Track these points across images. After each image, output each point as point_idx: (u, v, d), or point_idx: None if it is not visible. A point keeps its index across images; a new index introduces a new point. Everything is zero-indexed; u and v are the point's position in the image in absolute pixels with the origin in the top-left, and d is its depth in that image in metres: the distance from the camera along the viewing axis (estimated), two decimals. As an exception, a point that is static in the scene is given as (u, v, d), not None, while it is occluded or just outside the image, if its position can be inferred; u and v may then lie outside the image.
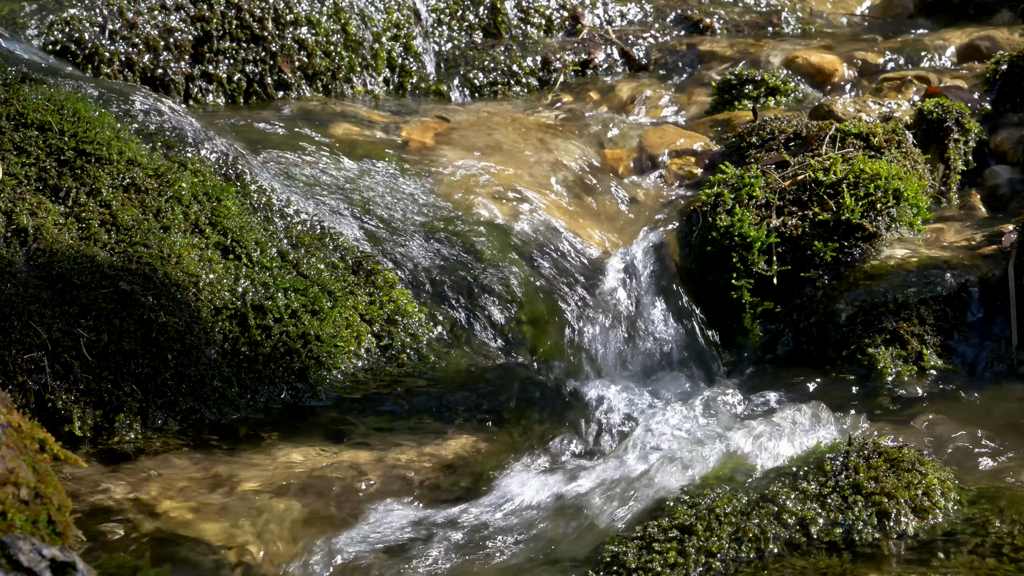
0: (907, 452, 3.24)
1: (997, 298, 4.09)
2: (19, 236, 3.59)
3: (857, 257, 4.24)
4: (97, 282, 3.57)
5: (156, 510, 3.21)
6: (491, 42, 5.53)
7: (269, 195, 4.00)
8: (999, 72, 4.92)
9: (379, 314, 3.91)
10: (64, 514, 2.58)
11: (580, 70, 5.50)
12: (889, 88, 5.06)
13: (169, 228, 3.77)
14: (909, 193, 4.30)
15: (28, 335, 3.44)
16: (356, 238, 4.04)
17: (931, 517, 3.13)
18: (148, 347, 3.56)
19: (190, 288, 3.68)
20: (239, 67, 4.96)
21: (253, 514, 3.21)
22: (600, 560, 3.00)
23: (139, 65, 4.81)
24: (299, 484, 3.34)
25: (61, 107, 3.86)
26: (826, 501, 3.12)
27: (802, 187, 4.32)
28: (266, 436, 3.56)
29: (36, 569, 2.29)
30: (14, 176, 3.70)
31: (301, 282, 3.85)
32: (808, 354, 4.13)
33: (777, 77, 5.14)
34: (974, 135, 4.67)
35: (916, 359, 4.00)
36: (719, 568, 2.99)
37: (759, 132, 4.61)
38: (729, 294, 4.23)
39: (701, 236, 4.29)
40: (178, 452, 3.46)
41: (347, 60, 5.14)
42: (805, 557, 3.01)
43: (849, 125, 4.51)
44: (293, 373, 3.73)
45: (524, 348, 3.99)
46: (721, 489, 3.15)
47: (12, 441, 2.58)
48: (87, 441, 3.45)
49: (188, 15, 4.92)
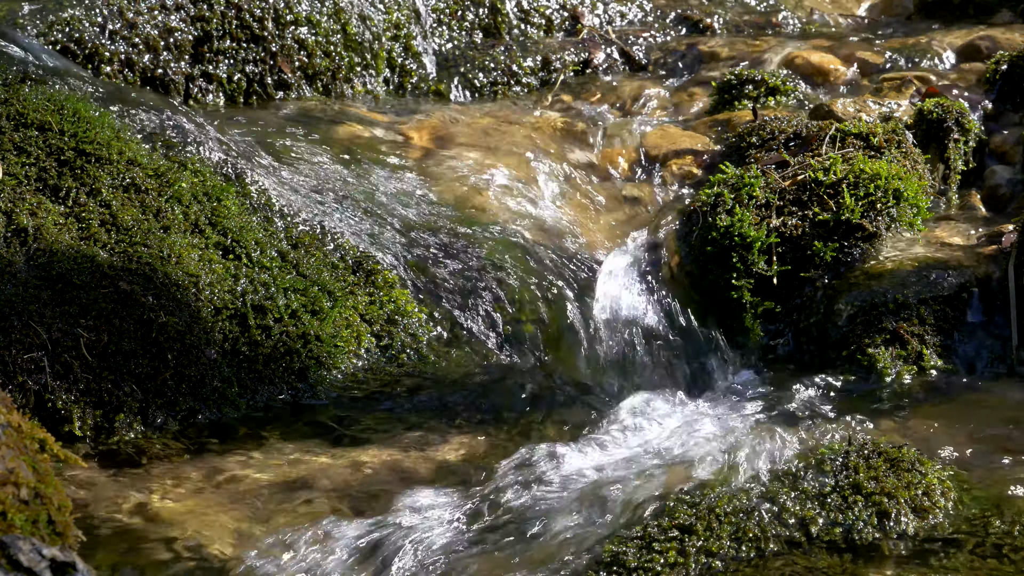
0: (907, 452, 3.24)
1: (997, 298, 4.09)
2: (19, 236, 3.59)
3: (857, 257, 4.24)
4: (97, 282, 3.57)
5: (156, 509, 3.21)
6: (491, 42, 5.53)
7: (269, 195, 4.00)
8: (999, 72, 4.92)
9: (379, 314, 3.91)
10: (64, 514, 2.58)
11: (580, 70, 5.50)
12: (889, 88, 5.06)
13: (169, 228, 3.77)
14: (909, 193, 4.30)
15: (28, 335, 3.44)
16: (356, 238, 4.04)
17: (931, 517, 3.13)
18: (148, 347, 3.56)
19: (190, 288, 3.68)
20: (239, 67, 4.96)
21: (253, 513, 3.21)
22: (600, 560, 3.00)
23: (139, 65, 4.81)
24: (299, 484, 3.34)
25: (61, 107, 3.86)
26: (826, 501, 3.12)
27: (802, 187, 4.32)
28: (266, 436, 3.56)
29: (36, 569, 2.29)
30: (14, 176, 3.70)
31: (301, 282, 3.85)
32: (808, 354, 4.13)
33: (777, 77, 5.14)
34: (974, 135, 4.67)
35: (916, 359, 4.00)
36: (719, 568, 2.99)
37: (759, 132, 4.61)
38: (729, 294, 4.23)
39: (701, 236, 4.29)
40: (178, 452, 3.46)
41: (347, 60, 5.14)
42: (805, 557, 3.01)
43: (849, 125, 4.51)
44: (293, 373, 3.73)
45: (524, 348, 3.99)
46: (721, 489, 3.15)
47: (12, 441, 2.58)
48: (87, 441, 3.45)
49: (188, 15, 4.92)
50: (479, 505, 3.27)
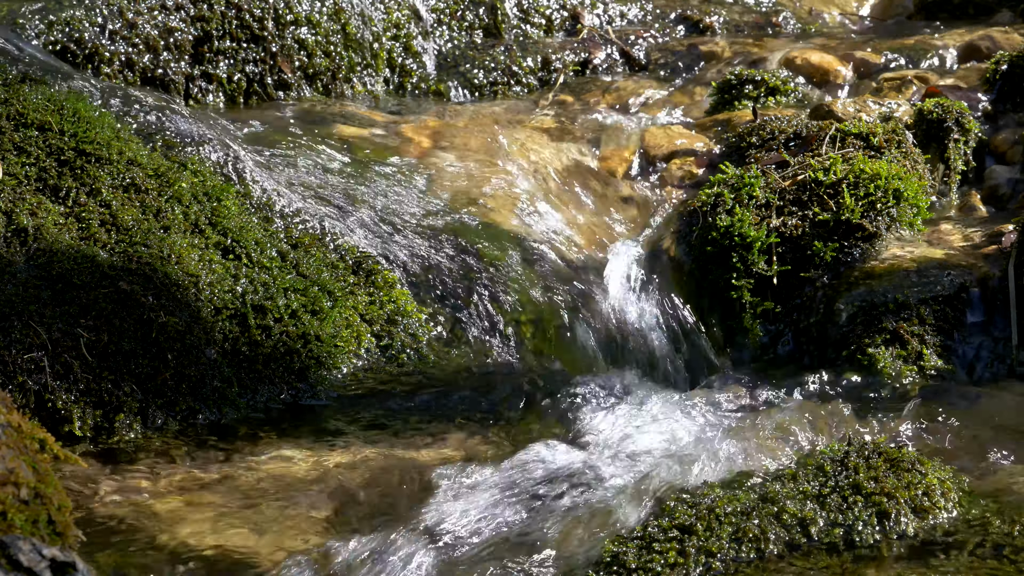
0: (907, 452, 3.24)
1: (997, 298, 4.09)
2: (19, 236, 3.59)
3: (857, 257, 4.24)
4: (97, 282, 3.57)
5: (156, 509, 3.21)
6: (491, 42, 5.53)
7: (269, 195, 4.00)
8: (999, 72, 4.92)
9: (379, 314, 3.91)
10: (64, 514, 2.58)
11: (580, 70, 5.50)
12: (889, 88, 5.06)
13: (169, 228, 3.77)
14: (909, 193, 4.30)
15: (28, 335, 3.44)
16: (356, 238, 4.04)
17: (931, 517, 3.13)
18: (148, 347, 3.56)
19: (190, 288, 3.68)
20: (239, 67, 4.96)
21: (253, 513, 3.21)
22: (600, 560, 3.00)
23: (139, 65, 4.81)
24: (299, 484, 3.35)
25: (61, 107, 3.86)
26: (826, 501, 3.12)
27: (802, 187, 4.32)
28: (266, 436, 3.56)
29: (36, 569, 2.29)
30: (14, 176, 3.70)
31: (301, 282, 3.85)
32: (808, 354, 4.13)
33: (777, 77, 5.14)
34: (974, 135, 4.67)
35: (916, 359, 4.00)
36: (719, 568, 2.99)
37: (759, 132, 4.61)
38: (729, 294, 4.23)
39: (701, 236, 4.29)
40: (178, 452, 3.46)
41: (347, 60, 5.14)
42: (805, 557, 3.01)
43: (849, 125, 4.51)
44: (293, 373, 3.73)
45: (524, 348, 3.99)
46: (721, 489, 3.15)
47: (12, 441, 2.58)
48: (87, 441, 3.45)
49: (188, 15, 4.92)
50: (479, 504, 3.27)
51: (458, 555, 3.10)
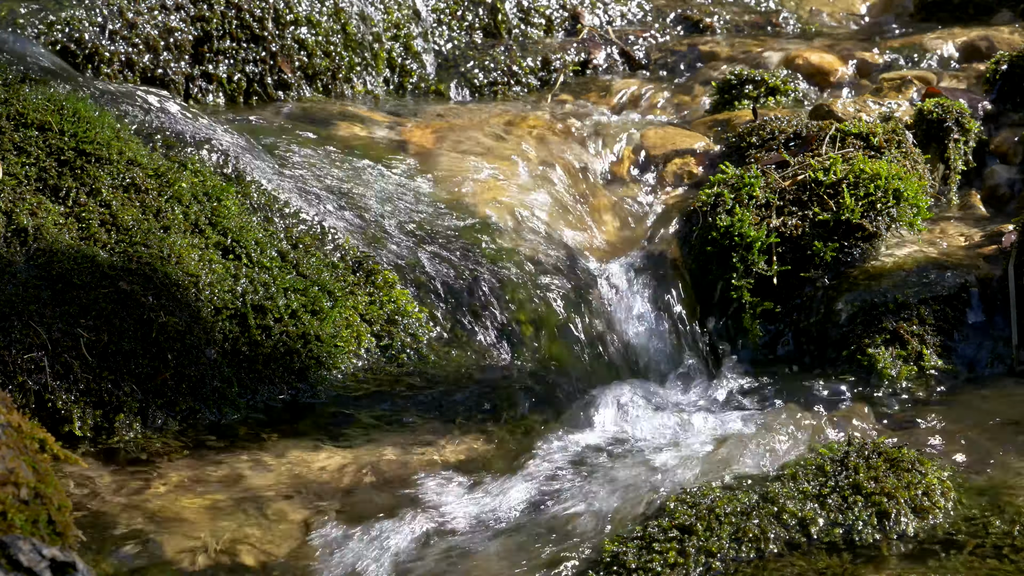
0: (907, 452, 3.24)
1: (997, 298, 4.09)
2: (19, 236, 3.59)
3: (857, 257, 4.24)
4: (97, 282, 3.57)
5: (156, 509, 3.21)
6: (491, 42, 5.53)
7: (269, 195, 4.00)
8: (999, 72, 4.92)
9: (379, 314, 3.91)
10: (64, 514, 2.58)
11: (580, 70, 5.50)
12: (889, 88, 5.06)
13: (169, 228, 3.77)
14: (909, 193, 4.30)
15: (28, 335, 3.44)
16: (356, 238, 4.04)
17: (931, 517, 3.13)
18: (148, 347, 3.56)
19: (190, 288, 3.68)
20: (239, 67, 4.96)
21: (253, 513, 3.21)
22: (600, 560, 3.00)
23: (139, 65, 4.81)
24: (299, 484, 3.35)
25: (61, 107, 3.86)
26: (826, 501, 3.12)
27: (802, 187, 4.32)
28: (266, 436, 3.56)
29: (36, 569, 2.29)
30: (14, 176, 3.70)
31: (301, 282, 3.85)
32: (808, 354, 4.13)
33: (777, 77, 5.14)
34: (974, 135, 4.67)
35: (916, 359, 4.00)
36: (719, 568, 2.99)
37: (759, 132, 4.61)
38: (729, 294, 4.23)
39: (701, 236, 4.29)
40: (178, 452, 3.46)
41: (347, 60, 5.14)
42: (805, 557, 3.01)
43: (849, 125, 4.51)
44: (293, 373, 3.73)
45: (524, 348, 3.99)
46: (721, 489, 3.15)
47: (12, 441, 2.59)
48: (87, 441, 3.45)
49: (188, 15, 4.92)
50: (479, 505, 3.28)
51: (458, 555, 3.11)
